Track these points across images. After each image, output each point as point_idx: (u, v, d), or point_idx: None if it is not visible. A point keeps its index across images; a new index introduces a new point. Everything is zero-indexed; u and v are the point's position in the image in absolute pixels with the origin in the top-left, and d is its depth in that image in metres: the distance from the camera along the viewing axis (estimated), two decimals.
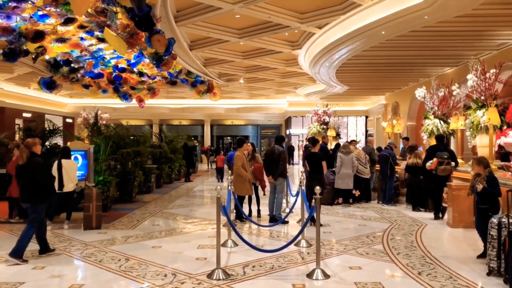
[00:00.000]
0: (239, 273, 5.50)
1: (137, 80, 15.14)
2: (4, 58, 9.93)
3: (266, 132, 34.75)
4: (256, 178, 9.49)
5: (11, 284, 5.09)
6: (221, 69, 18.67)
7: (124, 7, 7.51)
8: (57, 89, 13.48)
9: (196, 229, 8.57)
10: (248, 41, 13.60)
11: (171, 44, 9.01)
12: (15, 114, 24.39)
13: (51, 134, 10.88)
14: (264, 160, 9.51)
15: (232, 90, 25.09)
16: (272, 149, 9.19)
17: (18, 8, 8.53)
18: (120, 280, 5.29)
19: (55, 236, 7.71)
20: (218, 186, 5.59)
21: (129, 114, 30.35)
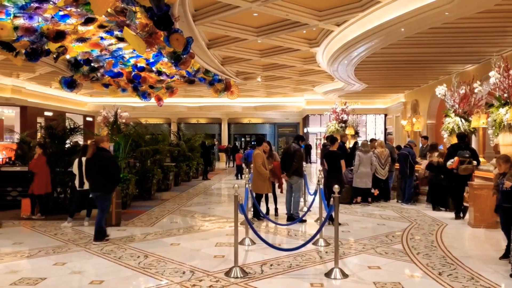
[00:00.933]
0: (257, 271, 5.50)
1: (156, 79, 15.28)
2: (27, 57, 10.13)
3: (283, 130, 34.67)
4: (275, 176, 9.48)
5: (34, 279, 5.19)
6: (239, 67, 18.69)
7: (143, 7, 7.57)
8: (78, 88, 13.70)
9: (213, 227, 8.60)
10: (265, 39, 13.58)
11: (189, 43, 9.06)
12: (37, 113, 24.85)
13: (72, 132, 11.04)
14: (281, 158, 9.51)
15: (250, 89, 25.10)
16: (289, 147, 9.25)
17: (40, 9, 8.68)
18: (139, 277, 5.35)
19: (75, 233, 7.83)
20: (235, 184, 5.60)
21: (148, 112, 30.65)
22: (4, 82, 21.46)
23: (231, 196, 13.20)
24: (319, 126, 30.61)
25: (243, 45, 14.90)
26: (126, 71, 14.30)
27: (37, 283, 5.05)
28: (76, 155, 9.14)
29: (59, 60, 11.86)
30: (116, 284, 5.09)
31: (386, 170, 11.66)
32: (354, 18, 11.62)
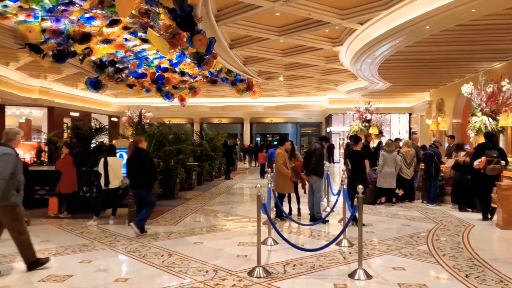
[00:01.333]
0: (280, 271, 5.50)
1: (179, 80, 15.44)
2: (54, 59, 10.37)
3: (306, 130, 34.52)
4: (297, 175, 9.45)
5: (61, 276, 5.31)
6: (261, 67, 18.70)
7: (167, 8, 7.66)
8: (103, 89, 13.96)
9: (236, 226, 8.63)
10: (288, 38, 13.55)
11: (212, 43, 9.12)
12: (63, 113, 25.39)
13: (98, 132, 11.24)
14: (304, 158, 9.50)
15: (272, 88, 25.08)
16: (311, 147, 9.25)
17: (66, 11, 8.88)
18: (163, 275, 5.40)
19: (101, 231, 7.97)
20: (258, 184, 5.60)
21: (171, 113, 30.96)
22: (32, 83, 22.00)
23: (253, 196, 13.22)
24: (342, 126, 30.37)
25: (265, 45, 14.90)
26: (150, 72, 14.50)
27: (64, 280, 5.16)
28: (102, 155, 9.29)
29: (85, 62, 12.09)
30: (141, 282, 5.16)
31: (411, 170, 11.49)
32: (378, 16, 11.49)
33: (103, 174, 8.71)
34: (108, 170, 8.64)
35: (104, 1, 8.41)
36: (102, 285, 5.13)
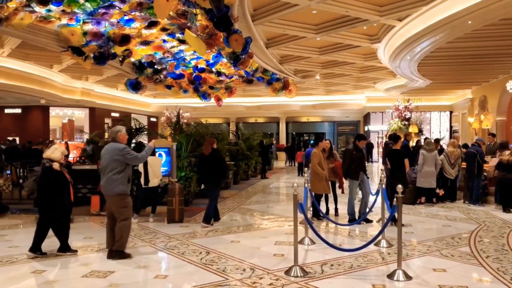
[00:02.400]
0: (317, 271, 5.46)
1: (216, 80, 15.56)
2: (95, 61, 10.68)
3: (343, 129, 34.10)
4: (336, 175, 9.34)
5: (103, 272, 5.47)
6: (297, 65, 18.62)
7: (204, 9, 7.73)
8: (142, 90, 14.25)
9: (272, 225, 8.63)
10: (325, 36, 13.43)
11: (248, 43, 9.14)
12: (104, 114, 26.16)
13: (138, 132, 11.50)
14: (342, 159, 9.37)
15: (308, 87, 24.93)
16: (347, 148, 9.15)
17: (106, 14, 9.11)
18: (201, 272, 5.47)
19: (141, 229, 8.16)
20: (295, 183, 5.58)
21: (208, 112, 31.32)
22: (74, 85, 22.78)
23: (290, 195, 13.19)
24: (380, 124, 29.82)
25: (301, 43, 14.82)
26: (188, 73, 14.69)
27: (106, 276, 5.32)
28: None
29: (125, 63, 12.40)
30: (180, 279, 5.25)
31: (455, 170, 11.16)
32: (417, 12, 11.20)
33: (143, 173, 8.90)
34: (148, 169, 8.83)
35: (143, 3, 8.58)
36: (142, 282, 5.26)
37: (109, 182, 6.13)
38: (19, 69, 17.81)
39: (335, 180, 9.43)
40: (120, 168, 6.11)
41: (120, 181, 6.09)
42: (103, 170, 6.23)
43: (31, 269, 5.64)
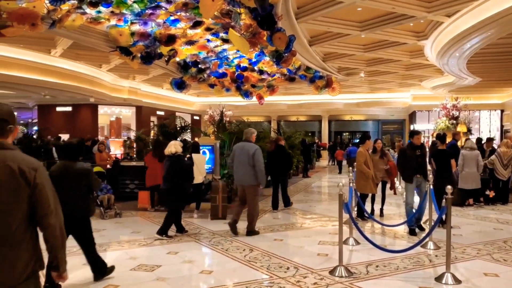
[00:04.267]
0: (362, 271, 5.39)
1: (258, 78, 15.62)
2: (142, 61, 10.96)
3: (387, 127, 33.34)
4: (389, 175, 9.13)
5: (150, 266, 5.63)
6: (341, 63, 18.36)
7: (248, 8, 7.77)
8: (187, 89, 14.50)
9: (316, 225, 8.58)
10: (369, 33, 13.17)
11: (291, 41, 9.12)
12: (150, 112, 26.81)
13: (183, 130, 11.72)
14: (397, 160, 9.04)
15: (352, 85, 24.55)
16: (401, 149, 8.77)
17: (153, 15, 9.34)
18: (245, 269, 5.52)
19: (186, 224, 8.29)
20: (340, 183, 5.52)
21: (250, 111, 31.42)
22: (122, 84, 23.47)
23: (332, 195, 13.06)
24: (427, 123, 28.94)
25: (346, 41, 14.60)
26: (230, 71, 14.83)
27: (154, 270, 5.46)
28: (186, 152, 9.68)
29: (170, 63, 12.66)
30: (224, 275, 5.32)
31: (508, 171, 10.67)
32: (468, 8, 10.78)
33: None
34: (193, 166, 8.97)
35: (188, 4, 8.73)
36: (188, 276, 5.37)
37: (246, 175, 7.29)
38: (71, 69, 18.55)
39: (387, 180, 9.21)
40: (253, 164, 7.24)
41: (254, 175, 7.25)
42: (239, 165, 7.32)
43: (82, 261, 5.85)
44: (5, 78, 15.96)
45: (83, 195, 4.97)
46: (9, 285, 2.33)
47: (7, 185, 2.36)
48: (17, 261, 2.35)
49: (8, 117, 2.51)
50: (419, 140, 7.82)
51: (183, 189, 7.33)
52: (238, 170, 7.43)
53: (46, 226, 2.47)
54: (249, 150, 7.27)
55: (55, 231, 2.50)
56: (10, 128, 2.49)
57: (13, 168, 2.39)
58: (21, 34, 8.38)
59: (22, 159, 2.46)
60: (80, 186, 4.91)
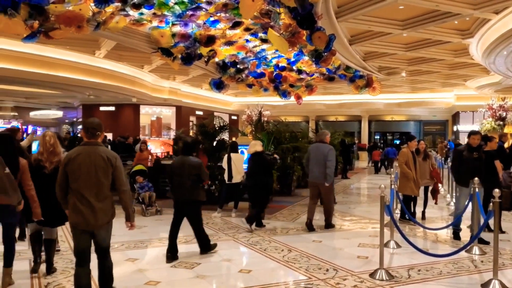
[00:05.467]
0: (403, 275, 5.26)
1: (296, 78, 15.56)
2: (182, 62, 11.13)
3: (429, 128, 32.43)
4: (432, 179, 8.88)
5: (190, 263, 5.71)
6: (382, 62, 18.03)
7: (288, 7, 7.75)
8: (225, 89, 14.63)
9: (355, 227, 8.45)
10: (412, 32, 12.86)
11: (331, 40, 9.03)
12: (189, 112, 27.26)
13: (222, 130, 11.83)
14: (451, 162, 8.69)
15: (393, 84, 24.07)
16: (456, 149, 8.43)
17: (194, 16, 9.47)
18: (284, 269, 5.51)
19: (224, 223, 8.39)
20: (382, 184, 5.41)
21: (288, 111, 31.34)
22: (163, 84, 23.97)
23: (372, 196, 12.84)
24: (471, 124, 27.95)
25: (387, 40, 14.33)
26: (268, 71, 14.84)
27: (193, 267, 5.54)
28: (225, 151, 9.76)
29: (209, 63, 12.81)
30: (263, 275, 5.32)
31: None
32: None
33: (226, 169, 9.14)
34: (231, 166, 9.05)
35: (228, 4, 8.81)
36: (227, 275, 5.42)
37: (322, 173, 7.71)
38: (114, 70, 19.12)
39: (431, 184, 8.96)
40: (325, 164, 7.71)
41: (329, 173, 7.70)
42: (315, 164, 7.80)
43: (124, 257, 6.02)
44: (52, 78, 16.63)
45: (195, 183, 6.03)
46: (105, 222, 4.06)
47: (101, 167, 3.97)
48: (108, 210, 4.05)
49: (98, 127, 4.09)
50: (476, 141, 7.29)
51: (266, 184, 7.96)
52: (314, 168, 7.88)
53: (122, 191, 4.09)
54: (324, 150, 7.82)
55: (126, 195, 4.13)
56: (98, 134, 4.08)
57: (104, 157, 4.00)
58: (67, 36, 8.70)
59: (108, 152, 4.11)
60: (193, 175, 5.99)
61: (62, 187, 4.02)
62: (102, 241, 4.12)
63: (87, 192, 3.92)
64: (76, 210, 3.94)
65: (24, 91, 21.73)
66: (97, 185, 3.95)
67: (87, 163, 3.94)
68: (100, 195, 3.96)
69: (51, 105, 30.62)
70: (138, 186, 9.62)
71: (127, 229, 4.19)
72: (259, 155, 8.03)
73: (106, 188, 4.00)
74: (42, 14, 7.16)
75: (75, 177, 3.93)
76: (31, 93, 22.79)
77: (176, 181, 6.09)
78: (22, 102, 28.35)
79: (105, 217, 4.02)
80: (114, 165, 4.01)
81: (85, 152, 3.99)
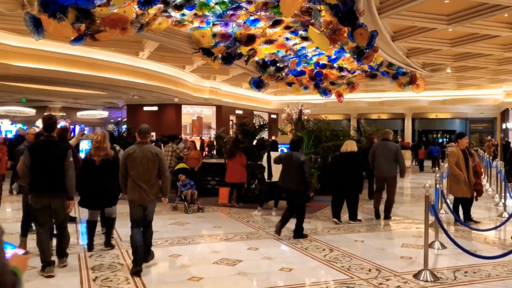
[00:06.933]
0: (449, 277, 5.11)
1: (337, 75, 15.36)
2: (223, 61, 11.24)
3: (476, 126, 31.24)
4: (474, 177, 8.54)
5: (232, 260, 5.77)
6: (426, 59, 17.52)
7: (329, 4, 7.68)
8: (265, 88, 14.64)
9: (398, 227, 8.28)
10: (458, 27, 12.42)
11: (373, 37, 8.87)
12: (229, 111, 27.48)
13: (261, 129, 11.87)
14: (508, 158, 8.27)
15: (437, 81, 23.34)
16: None
17: (234, 15, 9.54)
18: (325, 269, 5.47)
19: (265, 221, 8.42)
20: (426, 183, 5.27)
21: (328, 109, 31.01)
22: (203, 84, 24.29)
23: (415, 196, 12.56)
24: None
25: (431, 35, 13.90)
26: (309, 69, 14.73)
27: (235, 264, 5.59)
28: (265, 150, 9.79)
29: (249, 62, 12.85)
30: (305, 274, 5.32)
31: None
32: None
33: (266, 168, 9.17)
34: (271, 164, 9.06)
35: (268, 3, 8.81)
36: (268, 272, 5.44)
37: (388, 168, 8.54)
38: (156, 70, 19.54)
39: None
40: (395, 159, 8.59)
41: (395, 168, 8.61)
42: (382, 159, 8.56)
43: (167, 253, 6.16)
44: (98, 79, 17.19)
45: (301, 176, 6.93)
46: (153, 199, 5.44)
47: (150, 159, 5.34)
48: (155, 191, 5.44)
49: (147, 130, 5.58)
50: None
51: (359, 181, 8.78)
52: (381, 164, 8.67)
53: (164, 176, 5.50)
54: (391, 148, 8.73)
55: (167, 179, 5.57)
56: (148, 136, 5.54)
57: (152, 152, 5.40)
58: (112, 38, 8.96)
59: (154, 148, 5.57)
60: (298, 168, 6.94)
61: (123, 174, 5.40)
62: (150, 213, 5.49)
63: (141, 177, 5.29)
64: (133, 190, 5.32)
65: (72, 92, 22.59)
66: (147, 172, 5.32)
67: (140, 156, 5.31)
68: (150, 179, 5.34)
69: (97, 106, 31.71)
70: (180, 184, 9.80)
71: (164, 202, 5.69)
72: (351, 154, 8.45)
73: (153, 174, 5.37)
74: (89, 17, 7.42)
75: (132, 166, 5.31)
76: (79, 94, 23.67)
77: (284, 173, 7.30)
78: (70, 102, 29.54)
79: (153, 195, 5.40)
80: (159, 158, 5.40)
81: (139, 148, 5.38)
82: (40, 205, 5.13)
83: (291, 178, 7.09)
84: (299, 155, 7.18)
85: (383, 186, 8.90)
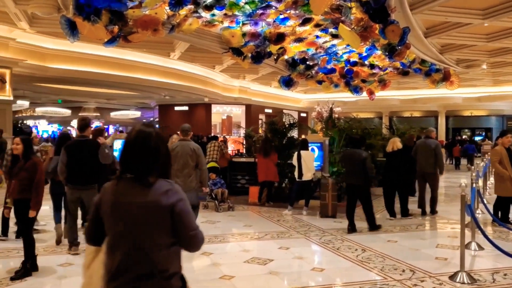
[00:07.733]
0: (487, 279, 4.96)
1: (368, 73, 15.14)
2: (252, 60, 11.25)
3: None
4: None
5: (263, 260, 5.77)
6: (460, 55, 17.06)
7: (359, 1, 7.58)
8: (294, 86, 14.59)
9: (432, 227, 8.10)
10: (494, 21, 12.03)
11: (405, 33, 8.70)
12: (258, 110, 27.52)
13: (291, 127, 11.84)
14: None
15: (472, 77, 22.69)
16: None
17: (263, 14, 9.53)
18: (358, 269, 5.40)
19: (295, 221, 8.38)
20: (462, 183, 5.14)
21: (359, 107, 30.61)
22: (233, 83, 24.41)
23: (450, 196, 12.25)
24: None
25: (465, 30, 13.52)
26: (339, 67, 14.57)
27: (266, 264, 5.60)
28: (295, 149, 9.74)
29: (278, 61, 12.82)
30: (337, 274, 5.27)
31: None
32: None
33: (296, 167, 9.12)
34: (302, 163, 9.01)
35: (298, 1, 8.77)
36: (299, 272, 5.42)
37: (428, 164, 8.89)
38: (187, 70, 19.77)
39: None
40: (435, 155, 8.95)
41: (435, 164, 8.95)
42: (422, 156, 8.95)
43: (199, 251, 6.20)
44: (131, 80, 17.54)
45: (363, 171, 7.26)
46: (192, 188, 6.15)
47: (189, 154, 6.14)
48: (194, 180, 6.22)
49: (188, 129, 6.45)
50: None
51: (408, 179, 9.06)
52: (421, 160, 9.00)
53: (202, 170, 6.28)
54: (431, 145, 9.03)
55: (205, 172, 6.41)
56: (188, 133, 6.46)
57: (191, 147, 6.19)
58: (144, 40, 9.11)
59: (193, 144, 6.33)
60: (360, 165, 7.24)
61: None
62: (192, 200, 5.39)
63: (181, 170, 6.09)
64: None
65: (105, 92, 23.13)
66: (187, 166, 6.13)
67: (181, 152, 6.16)
68: (189, 172, 6.15)
69: (130, 106, 32.35)
70: (211, 183, 9.87)
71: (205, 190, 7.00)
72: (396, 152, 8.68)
73: (192, 167, 6.19)
74: (121, 19, 7.57)
75: (175, 160, 5.94)
76: (112, 94, 24.21)
77: (347, 169, 7.71)
78: (103, 103, 30.25)
79: (192, 183, 6.15)
80: (197, 153, 6.21)
81: (181, 145, 6.28)
82: (73, 197, 5.91)
83: (354, 174, 7.47)
84: (361, 152, 7.45)
85: (424, 182, 9.23)
